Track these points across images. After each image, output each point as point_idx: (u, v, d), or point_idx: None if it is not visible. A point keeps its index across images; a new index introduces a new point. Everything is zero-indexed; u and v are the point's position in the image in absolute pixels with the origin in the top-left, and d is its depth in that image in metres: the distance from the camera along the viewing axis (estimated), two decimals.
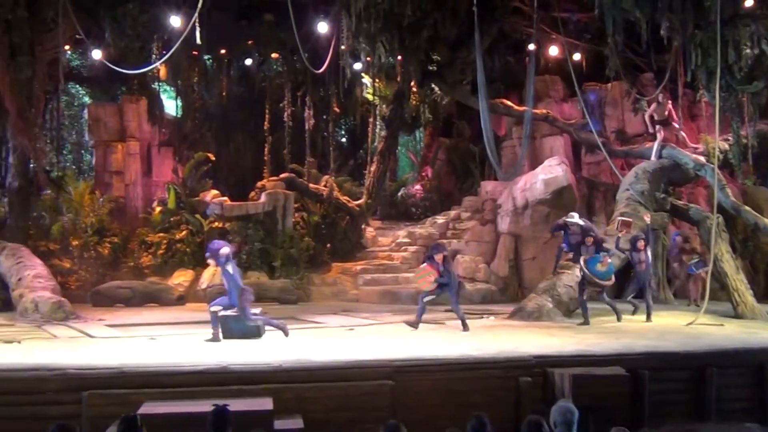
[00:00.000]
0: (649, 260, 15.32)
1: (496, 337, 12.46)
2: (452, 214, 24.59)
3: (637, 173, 18.58)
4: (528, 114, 18.81)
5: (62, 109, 25.90)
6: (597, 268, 14.41)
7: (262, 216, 22.32)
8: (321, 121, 25.52)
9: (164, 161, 25.05)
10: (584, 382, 9.43)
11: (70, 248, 21.04)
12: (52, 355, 10.32)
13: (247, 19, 23.20)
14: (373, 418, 8.63)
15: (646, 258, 15.17)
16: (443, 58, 21.88)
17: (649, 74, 21.54)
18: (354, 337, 12.66)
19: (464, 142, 27.18)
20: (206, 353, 10.46)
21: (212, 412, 6.29)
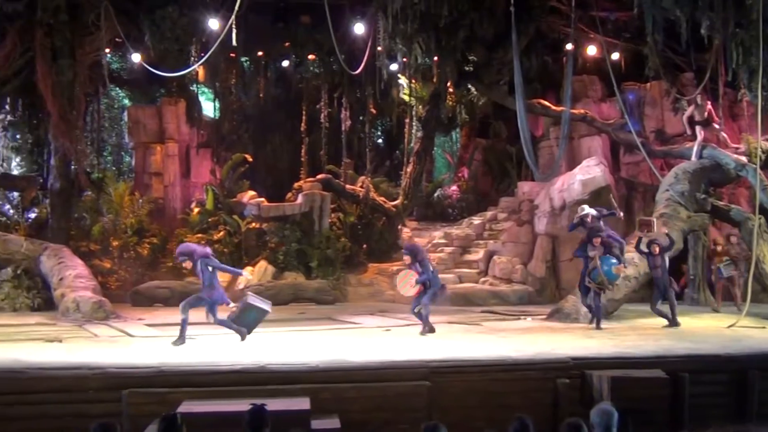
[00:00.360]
0: (666, 265, 14.76)
1: (533, 338, 12.39)
2: (489, 214, 24.47)
3: (677, 174, 18.34)
4: (566, 114, 18.67)
5: (103, 112, 26.24)
6: (609, 270, 13.97)
7: (299, 217, 22.43)
8: (357, 122, 25.58)
9: (202, 162, 25.28)
10: (623, 385, 9.32)
11: (110, 249, 21.32)
12: (93, 354, 10.46)
13: (284, 21, 23.33)
14: (409, 419, 8.65)
15: (662, 263, 14.62)
16: (480, 59, 21.81)
17: (689, 73, 21.23)
18: (391, 338, 12.67)
19: (501, 143, 27.04)
20: (244, 353, 10.53)
21: (250, 412, 6.32)
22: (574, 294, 15.67)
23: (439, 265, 22.40)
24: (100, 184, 23.01)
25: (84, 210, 22.35)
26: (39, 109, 21.83)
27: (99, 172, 24.25)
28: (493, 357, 10.34)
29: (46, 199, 21.84)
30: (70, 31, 19.51)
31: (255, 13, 20.60)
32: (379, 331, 13.77)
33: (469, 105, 27.22)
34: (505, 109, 23.13)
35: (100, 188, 22.79)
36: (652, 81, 21.29)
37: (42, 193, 22.47)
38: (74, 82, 19.89)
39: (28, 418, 8.70)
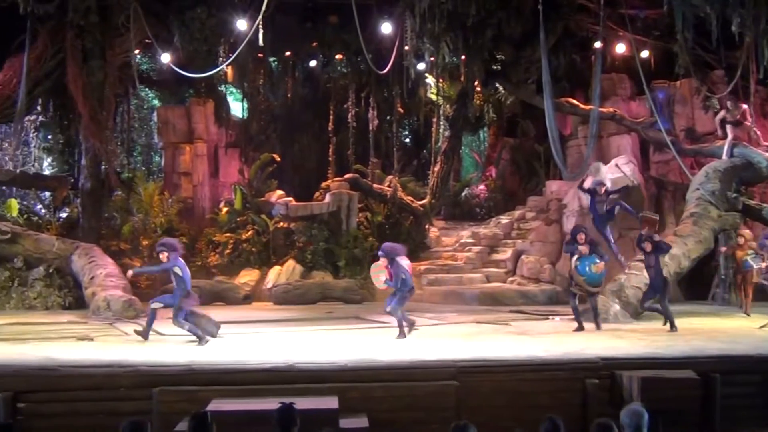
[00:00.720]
0: (660, 266, 14.04)
1: (562, 338, 12.33)
2: (516, 214, 24.38)
3: (708, 172, 18.15)
4: (594, 113, 18.53)
5: (132, 112, 26.51)
6: (588, 270, 13.38)
7: (326, 216, 22.50)
8: (385, 121, 25.61)
9: (231, 162, 25.45)
10: (653, 385, 9.23)
11: (140, 248, 21.50)
12: (123, 352, 10.58)
13: (312, 21, 23.39)
14: (438, 419, 8.63)
15: (656, 264, 13.88)
16: (507, 57, 21.73)
17: (719, 71, 21.00)
18: (419, 337, 12.66)
19: (529, 142, 26.92)
20: (273, 352, 10.58)
21: (279, 410, 6.35)
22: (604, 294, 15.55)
23: (466, 265, 22.47)
24: (130, 183, 23.23)
25: (114, 209, 22.57)
26: (70, 110, 22.05)
27: (129, 172, 24.50)
28: (521, 357, 10.30)
29: (77, 199, 22.07)
30: (100, 33, 19.71)
31: (282, 13, 20.68)
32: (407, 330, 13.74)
33: (496, 104, 27.15)
34: (533, 108, 23.02)
35: (130, 188, 23.00)
36: (681, 79, 21.07)
37: (73, 193, 22.71)
38: (104, 83, 20.08)
39: (61, 415, 8.80)
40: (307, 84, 26.84)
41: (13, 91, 19.27)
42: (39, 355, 10.21)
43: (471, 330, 13.58)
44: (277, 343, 11.73)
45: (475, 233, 24.09)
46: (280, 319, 16.10)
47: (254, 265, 21.77)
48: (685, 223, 17.03)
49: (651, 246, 13.87)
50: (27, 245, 18.95)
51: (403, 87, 22.13)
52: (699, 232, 16.48)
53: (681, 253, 15.90)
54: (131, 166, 25.97)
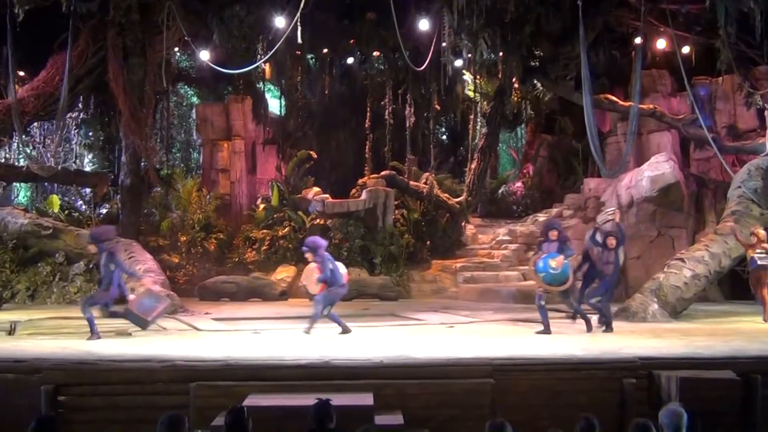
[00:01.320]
0: (619, 263, 13.38)
1: (599, 337, 12.21)
2: (554, 211, 24.19)
3: (750, 170, 17.82)
4: (634, 109, 18.31)
5: (172, 109, 26.79)
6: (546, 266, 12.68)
7: (362, 213, 22.53)
8: (422, 118, 25.56)
9: (268, 159, 25.62)
10: (692, 386, 9.10)
11: (178, 244, 21.74)
12: (161, 346, 10.69)
13: (349, 18, 23.44)
14: (473, 417, 8.59)
15: (615, 260, 13.23)
16: (546, 54, 21.58)
17: (763, 67, 20.64)
18: (454, 335, 12.64)
19: (567, 139, 26.72)
20: (309, 348, 10.62)
21: (315, 406, 6.37)
22: (642, 293, 15.38)
23: (503, 262, 22.35)
24: (169, 180, 23.48)
25: (153, 206, 22.83)
26: (110, 107, 22.38)
27: (168, 169, 24.77)
28: (558, 355, 10.21)
29: (117, 195, 22.38)
30: (141, 31, 19.92)
31: (320, 10, 20.74)
32: (443, 327, 13.74)
33: (534, 100, 26.99)
34: (571, 105, 22.85)
35: (168, 184, 23.25)
36: (723, 75, 20.73)
37: (113, 189, 23.04)
38: (144, 81, 20.30)
39: (100, 409, 8.91)
40: (345, 81, 26.91)
41: (55, 88, 19.57)
42: (79, 349, 10.37)
43: (507, 328, 13.51)
44: (312, 340, 11.77)
45: (511, 231, 23.98)
46: None
47: (291, 262, 21.87)
48: (726, 221, 16.75)
49: (615, 242, 13.27)
50: (68, 241, 19.26)
51: (441, 84, 22.08)
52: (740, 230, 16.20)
53: (721, 251, 15.65)
54: (170, 162, 26.27)
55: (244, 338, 12.00)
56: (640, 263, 20.13)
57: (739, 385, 9.40)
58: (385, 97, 25.26)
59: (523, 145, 30.06)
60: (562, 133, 27.08)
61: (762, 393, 9.48)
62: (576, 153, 25.75)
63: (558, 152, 27.15)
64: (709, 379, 9.41)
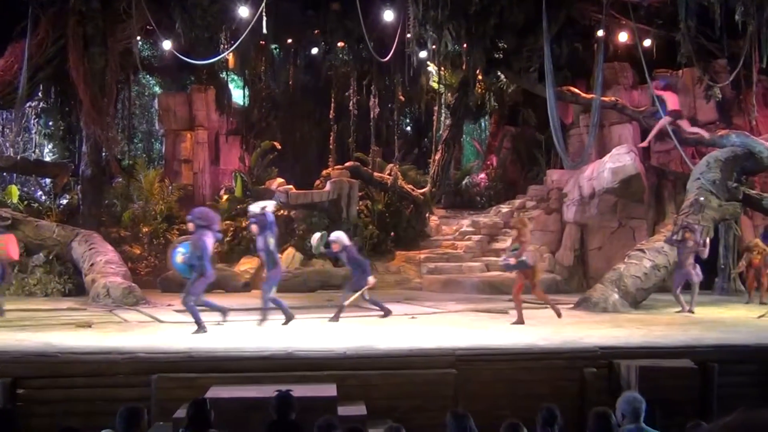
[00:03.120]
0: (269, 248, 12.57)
1: (560, 327, 12.34)
2: (517, 202, 24.38)
3: (709, 162, 18.11)
4: (596, 102, 18.50)
5: (133, 99, 26.48)
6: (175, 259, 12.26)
7: (327, 204, 22.49)
8: (386, 109, 25.56)
9: (231, 150, 25.45)
10: (651, 374, 9.26)
11: (140, 235, 21.52)
12: (123, 338, 10.61)
13: (314, 9, 23.31)
14: (436, 407, 8.65)
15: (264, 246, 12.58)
16: (510, 46, 21.65)
17: (722, 60, 20.92)
18: (417, 326, 12.69)
19: (530, 131, 26.89)
20: (272, 339, 10.61)
21: (276, 397, 6.37)
22: (603, 283, 15.58)
23: (466, 253, 22.46)
24: (131, 170, 23.23)
25: (115, 196, 22.58)
26: (71, 97, 22.04)
27: (130, 159, 24.50)
28: (520, 345, 10.32)
29: (77, 186, 22.08)
30: (102, 19, 19.64)
31: (284, 0, 20.62)
32: (406, 318, 13.79)
33: (498, 92, 27.08)
34: (534, 97, 22.97)
35: (130, 175, 23.00)
36: (684, 68, 20.98)
37: (73, 180, 22.73)
38: (106, 70, 20.02)
39: (59, 402, 8.83)
40: (309, 71, 26.78)
41: (14, 77, 19.23)
42: (38, 341, 10.25)
43: (470, 318, 13.59)
44: (275, 331, 11.75)
45: (475, 222, 24.10)
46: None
47: (254, 253, 21.67)
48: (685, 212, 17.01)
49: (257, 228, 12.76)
50: (27, 232, 18.95)
51: (405, 75, 22.07)
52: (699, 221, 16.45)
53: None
54: (132, 153, 25.97)
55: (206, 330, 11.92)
56: (601, 254, 20.38)
57: (697, 373, 9.60)
58: (350, 88, 25.20)
59: (487, 137, 30.20)
60: (526, 125, 27.23)
61: (719, 381, 9.68)
62: (539, 145, 25.92)
63: (521, 144, 27.32)
64: (667, 367, 9.58)
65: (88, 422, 8.19)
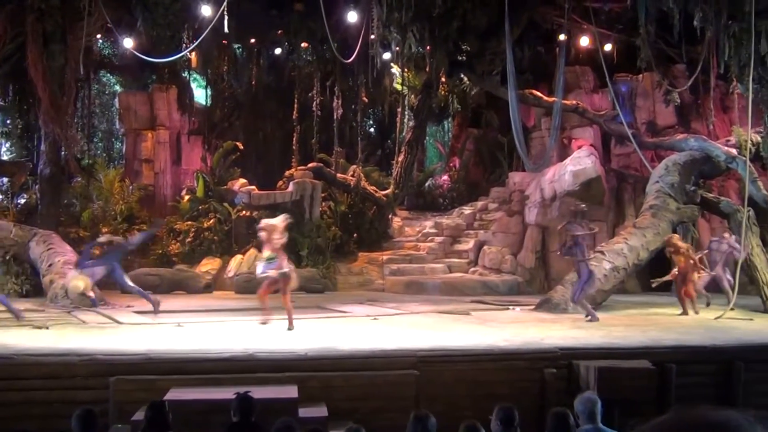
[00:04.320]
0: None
1: (522, 328, 12.42)
2: (479, 204, 24.52)
3: (668, 165, 18.38)
4: (558, 105, 18.68)
5: (93, 98, 26.15)
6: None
7: (289, 205, 22.38)
8: (349, 110, 25.53)
9: (193, 150, 25.24)
10: (610, 375, 9.37)
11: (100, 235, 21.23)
12: (80, 340, 10.47)
13: (277, 9, 23.20)
14: (397, 408, 8.64)
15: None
16: (473, 49, 21.76)
17: (681, 65, 21.26)
18: (379, 327, 12.69)
19: (493, 133, 27.05)
20: (233, 341, 10.54)
21: (236, 399, 6.33)
22: (564, 285, 15.72)
23: (429, 255, 22.55)
24: (91, 170, 22.95)
25: (74, 196, 22.29)
26: (29, 95, 21.71)
27: (89, 159, 24.19)
28: (481, 347, 10.37)
29: (35, 185, 21.77)
30: (61, 16, 19.37)
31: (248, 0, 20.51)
32: (368, 319, 13.78)
33: (461, 95, 27.21)
34: (497, 99, 23.11)
35: (90, 174, 22.73)
36: (644, 72, 21.28)
37: (32, 179, 22.38)
38: (65, 68, 19.77)
39: (16, 404, 8.69)
40: (272, 72, 26.65)
41: None
42: None
43: (432, 320, 13.62)
44: (237, 333, 11.68)
45: (437, 223, 24.18)
46: (241, 308, 16.00)
47: (216, 254, 21.63)
48: (644, 215, 17.25)
49: None
50: None
51: (369, 76, 22.06)
52: (658, 224, 16.68)
53: (640, 244, 16.10)
54: (92, 152, 25.62)
55: (166, 331, 11.81)
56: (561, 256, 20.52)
57: (655, 374, 9.72)
58: (313, 88, 25.11)
59: (450, 139, 30.32)
60: (488, 127, 27.38)
61: (676, 382, 9.82)
62: (501, 147, 26.08)
63: (484, 146, 27.46)
64: (626, 368, 9.70)
65: (44, 425, 8.09)
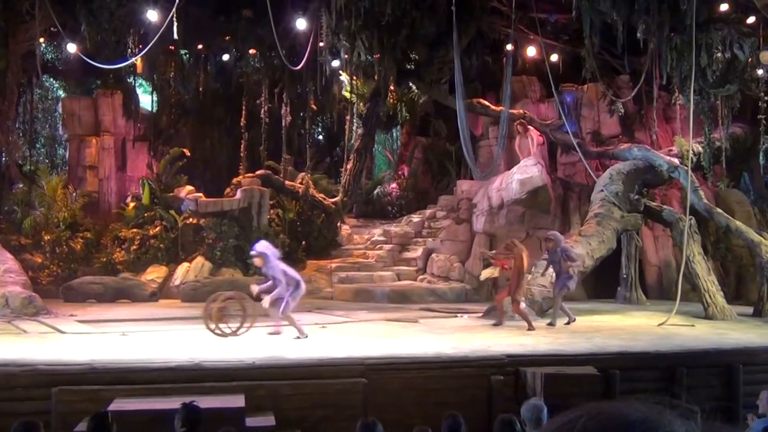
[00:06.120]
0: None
1: (469, 336, 12.50)
2: (428, 212, 24.61)
3: (612, 174, 18.71)
4: (504, 114, 18.89)
5: (36, 102, 25.65)
6: None
7: (237, 212, 22.21)
8: (298, 118, 25.44)
9: (139, 156, 24.87)
10: (556, 381, 9.47)
11: (41, 243, 20.83)
12: (21, 350, 10.23)
13: (225, 15, 23.05)
14: (346, 416, 8.64)
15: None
16: (421, 57, 21.90)
17: (625, 76, 21.69)
18: (328, 335, 12.65)
19: (441, 141, 27.21)
20: (179, 350, 10.40)
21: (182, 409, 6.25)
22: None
23: (378, 263, 22.56)
24: (33, 176, 22.48)
25: (15, 203, 21.82)
26: None
27: (31, 165, 23.68)
28: (429, 354, 10.40)
29: None
30: (3, 19, 18.98)
31: (195, 5, 20.33)
32: (316, 328, 13.72)
33: (409, 103, 27.33)
34: (445, 108, 23.27)
35: (32, 181, 22.26)
36: (589, 83, 21.63)
37: None
38: (7, 72, 19.37)
39: None
40: (220, 78, 26.42)
41: None
42: None
43: (380, 328, 13.63)
44: (183, 342, 11.53)
45: (386, 231, 24.21)
46: (187, 316, 15.80)
47: (162, 262, 21.33)
48: (589, 223, 17.51)
49: None
50: None
51: (317, 84, 22.03)
52: (602, 232, 16.95)
53: (585, 252, 16.33)
54: (34, 158, 25.10)
55: (110, 341, 11.61)
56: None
57: (600, 380, 9.87)
58: (261, 95, 24.95)
59: (399, 147, 30.41)
60: (437, 136, 27.54)
61: (620, 388, 9.98)
62: (450, 155, 26.24)
63: (432, 154, 27.61)
64: (571, 375, 9.82)
65: None
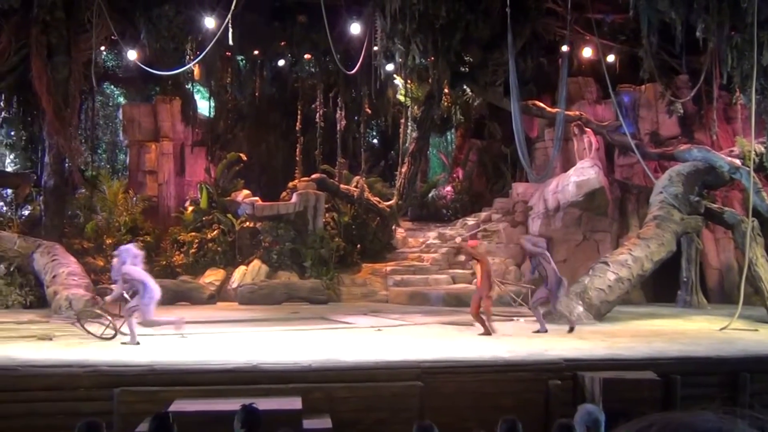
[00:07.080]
0: None
1: (526, 339, 12.40)
2: (483, 215, 24.49)
3: (671, 176, 18.37)
4: (561, 115, 18.70)
5: (97, 109, 26.25)
6: None
7: (293, 216, 22.41)
8: (352, 122, 25.55)
9: (197, 161, 25.27)
10: (615, 386, 9.32)
11: (103, 246, 21.26)
12: (84, 352, 10.44)
13: (280, 21, 23.29)
14: (401, 419, 8.63)
15: None
16: (476, 60, 21.83)
17: (684, 76, 21.30)
18: (383, 338, 12.66)
19: (496, 144, 27.07)
20: (237, 352, 10.52)
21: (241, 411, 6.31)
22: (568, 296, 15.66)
23: (432, 266, 22.53)
24: (94, 181, 22.99)
25: (78, 207, 22.32)
26: (33, 106, 21.78)
27: (93, 170, 24.23)
28: (485, 358, 10.33)
29: (39, 197, 21.78)
30: (65, 29, 19.47)
31: (251, 11, 20.58)
32: (372, 331, 13.76)
33: (464, 106, 27.26)
34: (500, 110, 23.15)
35: (94, 186, 22.76)
36: (646, 83, 21.31)
37: (36, 190, 22.41)
38: (69, 80, 19.84)
39: (19, 416, 8.66)
40: (275, 83, 26.70)
41: None
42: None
43: (436, 331, 13.59)
44: (241, 344, 11.65)
45: (441, 234, 24.17)
46: (244, 319, 16.01)
47: (219, 265, 21.63)
48: (648, 225, 17.23)
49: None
50: None
51: (372, 88, 22.11)
52: (662, 234, 16.66)
53: (644, 255, 16.08)
54: (95, 163, 25.70)
55: (169, 342, 11.79)
56: (566, 266, 20.47)
57: (660, 385, 9.67)
58: (316, 100, 25.16)
59: (453, 150, 30.34)
60: (491, 138, 27.40)
61: (681, 393, 9.77)
62: (504, 158, 26.10)
63: (487, 157, 27.48)
64: (630, 379, 9.65)
65: None
